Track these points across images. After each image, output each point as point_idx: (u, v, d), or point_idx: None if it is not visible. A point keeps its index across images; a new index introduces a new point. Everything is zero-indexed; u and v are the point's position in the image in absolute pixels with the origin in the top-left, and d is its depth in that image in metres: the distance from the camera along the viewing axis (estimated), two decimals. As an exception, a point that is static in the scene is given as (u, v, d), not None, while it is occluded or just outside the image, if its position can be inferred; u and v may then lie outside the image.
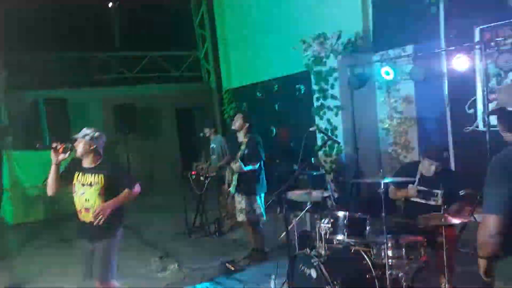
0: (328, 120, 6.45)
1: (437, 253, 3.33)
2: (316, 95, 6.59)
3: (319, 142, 6.49)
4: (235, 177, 4.82)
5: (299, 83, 7.55)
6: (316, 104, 6.62)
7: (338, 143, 5.64)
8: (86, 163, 3.38)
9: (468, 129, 5.28)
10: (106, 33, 12.53)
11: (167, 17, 11.89)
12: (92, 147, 3.35)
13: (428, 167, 3.46)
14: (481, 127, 5.11)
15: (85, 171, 3.38)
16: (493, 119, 4.96)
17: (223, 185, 6.24)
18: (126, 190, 3.38)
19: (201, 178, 6.33)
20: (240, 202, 4.94)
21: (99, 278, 3.41)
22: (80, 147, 3.35)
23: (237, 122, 4.88)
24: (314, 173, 4.73)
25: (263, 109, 8.65)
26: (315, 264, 3.21)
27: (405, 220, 3.43)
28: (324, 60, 6.29)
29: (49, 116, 8.84)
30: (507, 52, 4.37)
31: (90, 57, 10.79)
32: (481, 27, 4.95)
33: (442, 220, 3.02)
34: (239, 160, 4.58)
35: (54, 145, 3.32)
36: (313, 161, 6.65)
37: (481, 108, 5.06)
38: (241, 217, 5.00)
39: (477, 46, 4.90)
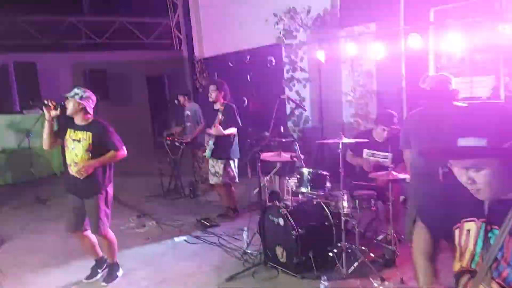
0: (297, 92, 6.89)
1: (386, 206, 3.92)
2: (286, 67, 6.99)
3: (288, 112, 6.96)
4: (211, 142, 5.21)
5: (271, 55, 7.88)
6: (286, 76, 7.03)
7: (305, 110, 6.11)
8: (77, 120, 3.65)
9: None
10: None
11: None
12: (81, 106, 3.60)
13: (381, 133, 4.00)
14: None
15: (76, 127, 3.64)
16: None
17: (197, 151, 6.64)
18: (112, 151, 3.68)
19: (176, 143, 6.67)
20: (214, 166, 5.35)
21: (93, 231, 3.77)
22: (70, 106, 3.60)
23: (213, 94, 5.21)
24: (284, 140, 5.18)
25: (235, 79, 8.94)
26: (283, 213, 3.73)
27: (359, 177, 4.00)
28: (294, 33, 6.67)
29: (18, 79, 8.81)
30: (455, 32, 4.90)
31: (58, 21, 10.62)
32: (435, 8, 5.46)
33: (390, 176, 3.58)
34: (218, 125, 4.95)
35: (45, 101, 3.56)
36: (282, 130, 7.12)
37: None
38: (214, 180, 5.40)
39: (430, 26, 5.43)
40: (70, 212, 3.78)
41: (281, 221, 3.78)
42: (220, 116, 4.95)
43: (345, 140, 3.58)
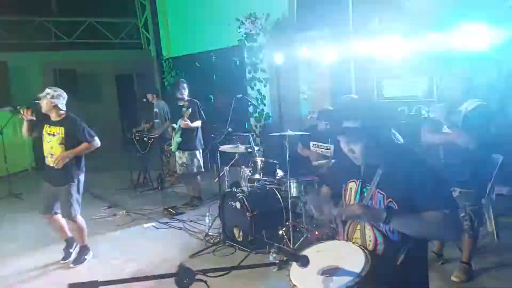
0: (258, 90, 7.44)
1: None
2: (248, 68, 7.53)
3: (251, 110, 7.50)
4: (177, 135, 5.70)
5: (235, 56, 8.39)
6: (248, 76, 7.57)
7: (258, 107, 6.65)
8: (52, 117, 4.12)
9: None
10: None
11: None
12: (53, 104, 4.06)
13: (323, 126, 4.59)
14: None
15: (51, 123, 4.11)
16: (386, 92, 6.28)
17: (165, 145, 7.09)
18: (84, 143, 4.14)
19: (145, 139, 7.09)
20: (181, 157, 5.85)
21: (65, 216, 4.21)
22: (44, 104, 4.07)
23: (184, 91, 5.80)
24: (244, 134, 5.73)
25: (201, 77, 9.42)
26: (239, 197, 4.26)
27: (307, 165, 4.59)
28: (254, 37, 7.22)
29: (-11, 78, 8.94)
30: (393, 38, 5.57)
31: (28, 21, 10.73)
32: (379, 16, 6.13)
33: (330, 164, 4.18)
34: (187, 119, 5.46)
35: (22, 111, 4.11)
36: (246, 126, 7.65)
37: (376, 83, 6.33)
38: (182, 170, 5.92)
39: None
40: (44, 197, 4.24)
41: (238, 205, 4.32)
42: (188, 111, 5.45)
43: (290, 133, 4.14)
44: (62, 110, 4.14)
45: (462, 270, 3.51)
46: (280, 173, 4.47)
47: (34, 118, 4.14)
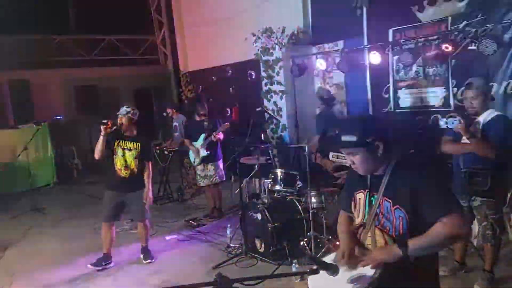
0: (274, 103, 7.55)
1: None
2: (265, 81, 7.66)
3: (268, 121, 7.62)
4: (203, 150, 5.81)
5: (251, 69, 8.55)
6: (264, 88, 7.70)
7: (277, 119, 6.77)
8: (127, 132, 4.45)
9: (385, 110, 6.58)
10: (63, 16, 12.74)
11: (124, 1, 12.28)
12: (133, 121, 4.45)
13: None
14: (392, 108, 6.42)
15: (125, 138, 4.45)
16: (402, 102, 6.32)
17: (185, 158, 7.23)
18: (150, 162, 4.60)
19: (165, 152, 7.25)
20: (204, 170, 5.96)
21: (138, 218, 4.65)
22: (124, 121, 4.41)
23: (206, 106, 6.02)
24: (262, 146, 5.83)
25: (218, 91, 9.60)
26: (260, 209, 4.35)
27: (325, 176, 4.66)
28: (271, 51, 7.36)
29: (13, 96, 9.27)
30: (407, 51, 5.65)
31: (48, 40, 11.10)
32: (393, 28, 6.21)
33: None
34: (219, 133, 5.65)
35: (105, 121, 4.34)
36: (263, 138, 7.76)
37: (392, 93, 6.39)
38: (205, 182, 6.03)
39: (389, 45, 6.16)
40: (110, 207, 4.52)
41: (259, 216, 4.40)
42: (206, 124, 5.63)
43: (309, 144, 4.23)
44: (137, 126, 4.54)
45: (484, 278, 3.52)
46: (300, 184, 4.54)
47: (113, 129, 4.39)
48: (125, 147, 4.44)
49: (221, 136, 5.68)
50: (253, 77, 8.55)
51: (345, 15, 6.76)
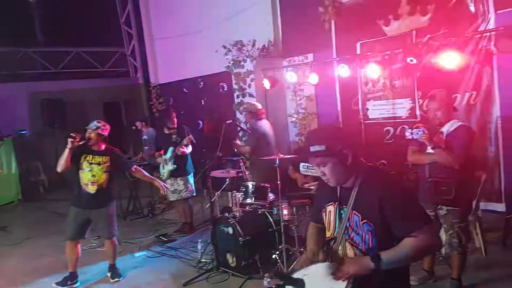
0: (246, 115, 7.54)
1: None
2: (236, 93, 7.66)
3: (240, 134, 7.57)
4: (170, 163, 5.69)
5: (222, 82, 8.54)
6: (236, 100, 7.69)
7: (248, 132, 6.74)
8: (95, 147, 4.33)
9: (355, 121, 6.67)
10: (28, 27, 12.41)
11: (92, 13, 12.10)
12: (102, 136, 4.34)
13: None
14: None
15: (93, 153, 4.32)
16: (371, 114, 6.44)
17: (155, 172, 7.07)
18: (134, 167, 4.70)
19: (135, 166, 7.07)
20: (173, 184, 5.83)
21: (105, 235, 4.48)
22: (93, 136, 4.29)
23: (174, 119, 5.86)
24: (234, 158, 5.78)
25: (189, 103, 9.52)
26: (231, 222, 4.28)
27: (298, 188, 4.65)
28: (241, 63, 7.38)
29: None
30: (375, 63, 5.78)
31: (14, 52, 10.77)
32: (360, 42, 6.35)
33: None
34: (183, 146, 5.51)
35: (73, 135, 4.18)
36: (236, 150, 7.70)
37: (361, 105, 6.50)
38: (174, 197, 5.88)
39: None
40: (75, 224, 4.36)
41: (230, 230, 4.34)
42: (174, 136, 5.52)
43: (280, 156, 4.22)
44: (106, 141, 4.45)
45: (452, 286, 3.56)
46: (271, 196, 4.51)
47: (80, 143, 4.22)
48: (93, 161, 4.33)
49: (185, 149, 5.57)
50: (225, 89, 8.53)
51: (315, 28, 6.86)
